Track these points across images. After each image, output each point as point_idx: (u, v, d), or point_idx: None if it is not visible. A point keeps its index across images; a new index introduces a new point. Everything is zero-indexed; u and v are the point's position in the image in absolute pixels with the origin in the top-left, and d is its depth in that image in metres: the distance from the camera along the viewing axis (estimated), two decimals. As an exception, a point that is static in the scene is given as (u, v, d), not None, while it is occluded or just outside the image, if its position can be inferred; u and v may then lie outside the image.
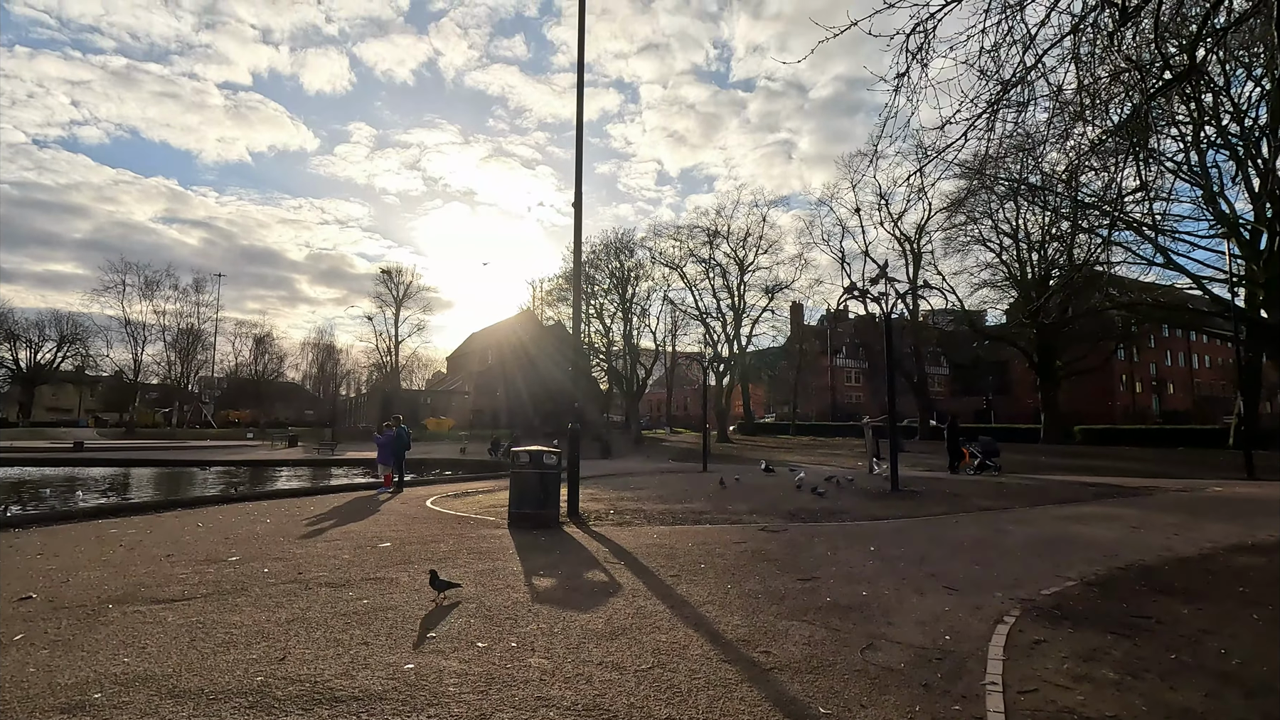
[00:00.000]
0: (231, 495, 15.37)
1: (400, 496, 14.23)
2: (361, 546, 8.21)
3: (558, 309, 53.06)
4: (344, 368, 75.88)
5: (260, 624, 4.96)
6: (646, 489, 15.59)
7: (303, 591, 5.96)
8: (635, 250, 48.03)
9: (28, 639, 4.65)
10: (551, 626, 4.83)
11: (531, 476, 10.01)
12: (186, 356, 65.93)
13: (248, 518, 10.94)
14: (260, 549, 8.08)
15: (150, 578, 6.50)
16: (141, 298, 63.50)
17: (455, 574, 6.56)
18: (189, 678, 3.87)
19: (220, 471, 26.87)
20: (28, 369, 65.29)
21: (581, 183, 11.56)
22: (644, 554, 7.64)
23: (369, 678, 3.84)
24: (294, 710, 3.41)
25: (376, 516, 11.09)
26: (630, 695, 3.59)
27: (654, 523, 10.31)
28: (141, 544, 8.44)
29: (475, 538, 8.80)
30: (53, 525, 10.34)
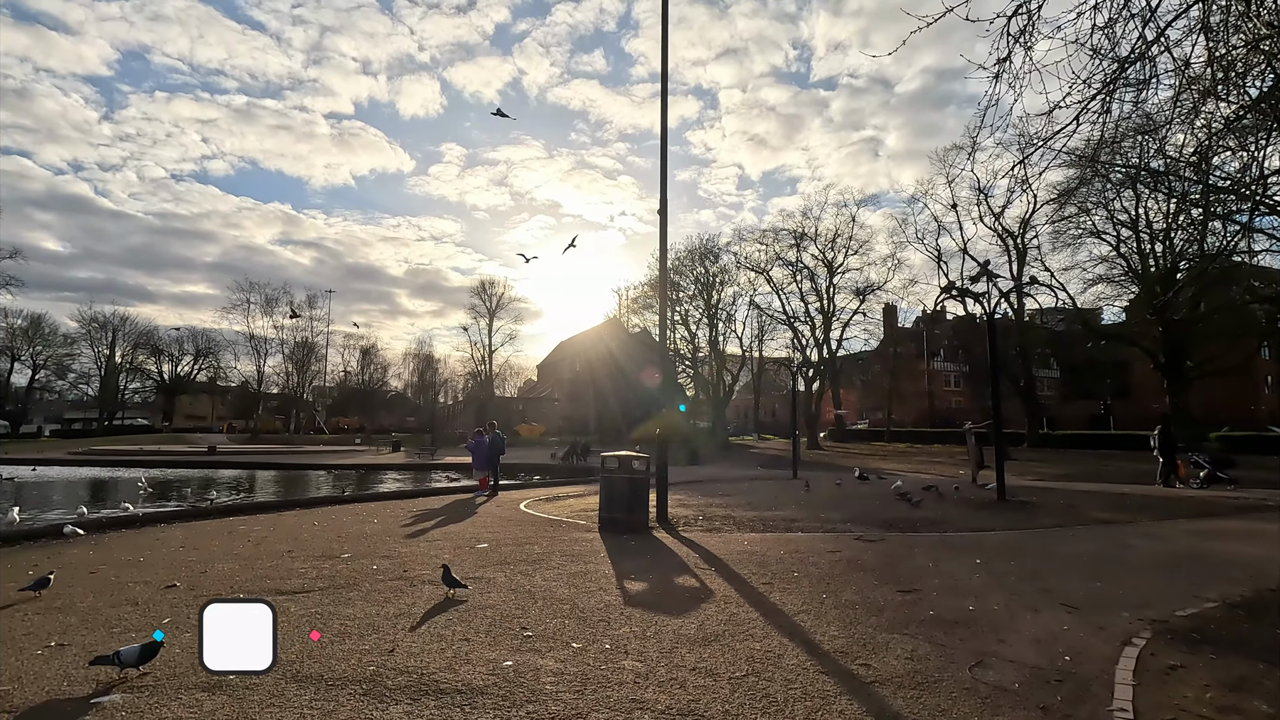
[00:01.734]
0: (342, 497, 16.42)
1: (495, 500, 14.73)
2: (460, 547, 8.55)
3: (643, 316, 53.56)
4: (441, 376, 79.51)
5: (371, 617, 5.26)
6: (735, 495, 15.41)
7: (408, 588, 6.27)
8: (720, 255, 47.85)
9: (173, 623, 5.13)
10: (644, 630, 4.86)
11: (620, 482, 10.13)
12: (302, 367, 71.08)
13: (357, 518, 11.64)
14: (369, 547, 8.57)
15: (274, 571, 7.03)
16: (263, 314, 69.18)
17: (549, 576, 6.73)
18: (310, 665, 4.16)
19: (332, 474, 28.77)
20: (170, 380, 72.40)
21: (666, 189, 11.63)
22: (735, 561, 7.55)
23: (471, 672, 3.99)
24: (403, 699, 3.59)
25: (474, 519, 11.52)
26: (725, 702, 3.55)
27: (744, 529, 10.17)
28: (266, 540, 9.15)
29: (567, 540, 8.98)
30: (191, 521, 11.40)
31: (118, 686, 3.81)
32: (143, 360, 71.54)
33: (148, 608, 5.62)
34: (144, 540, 9.12)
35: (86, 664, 4.07)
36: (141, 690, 3.76)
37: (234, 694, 3.70)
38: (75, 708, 3.55)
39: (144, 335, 70.96)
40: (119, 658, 3.88)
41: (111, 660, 3.89)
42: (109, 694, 3.70)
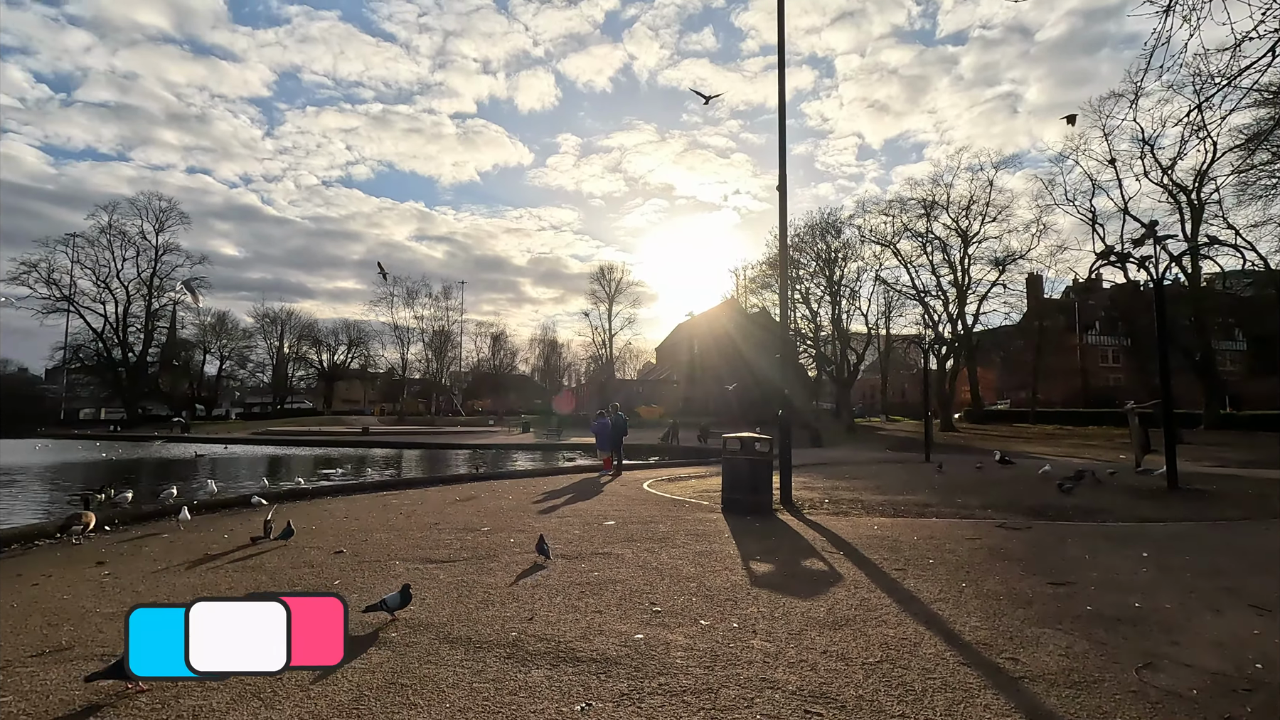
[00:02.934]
0: (480, 474, 17.54)
1: (620, 479, 15.14)
2: (589, 524, 8.89)
3: (762, 296, 52.57)
4: (565, 360, 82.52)
5: (511, 587, 5.62)
6: (862, 478, 14.88)
7: (543, 561, 6.62)
8: (842, 230, 45.89)
9: (343, 585, 5.75)
10: (772, 611, 4.84)
11: (742, 463, 10.08)
12: (439, 354, 76.36)
13: (493, 494, 12.40)
14: (506, 521, 9.12)
15: (424, 542, 7.66)
16: (404, 305, 74.86)
17: (674, 554, 6.85)
18: (459, 627, 4.51)
19: (469, 453, 30.77)
20: (328, 368, 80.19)
21: (785, 164, 11.31)
22: (864, 545, 7.31)
23: (604, 643, 4.17)
24: (543, 664, 3.82)
25: (600, 497, 11.92)
26: (858, 687, 3.48)
27: (873, 513, 9.82)
28: (415, 513, 9.98)
29: (691, 520, 9.09)
30: (351, 495, 12.63)
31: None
32: (306, 350, 79.73)
33: (321, 570, 6.32)
34: (314, 511, 10.22)
35: (361, 611, 4.64)
36: (321, 641, 4.25)
37: (396, 649, 4.10)
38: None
39: (306, 328, 79.04)
40: (385, 604, 4.54)
41: (379, 607, 4.53)
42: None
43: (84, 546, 7.76)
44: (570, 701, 3.30)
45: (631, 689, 3.46)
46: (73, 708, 3.31)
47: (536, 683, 3.55)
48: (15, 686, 3.58)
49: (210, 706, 3.28)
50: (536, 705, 3.27)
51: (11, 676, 3.73)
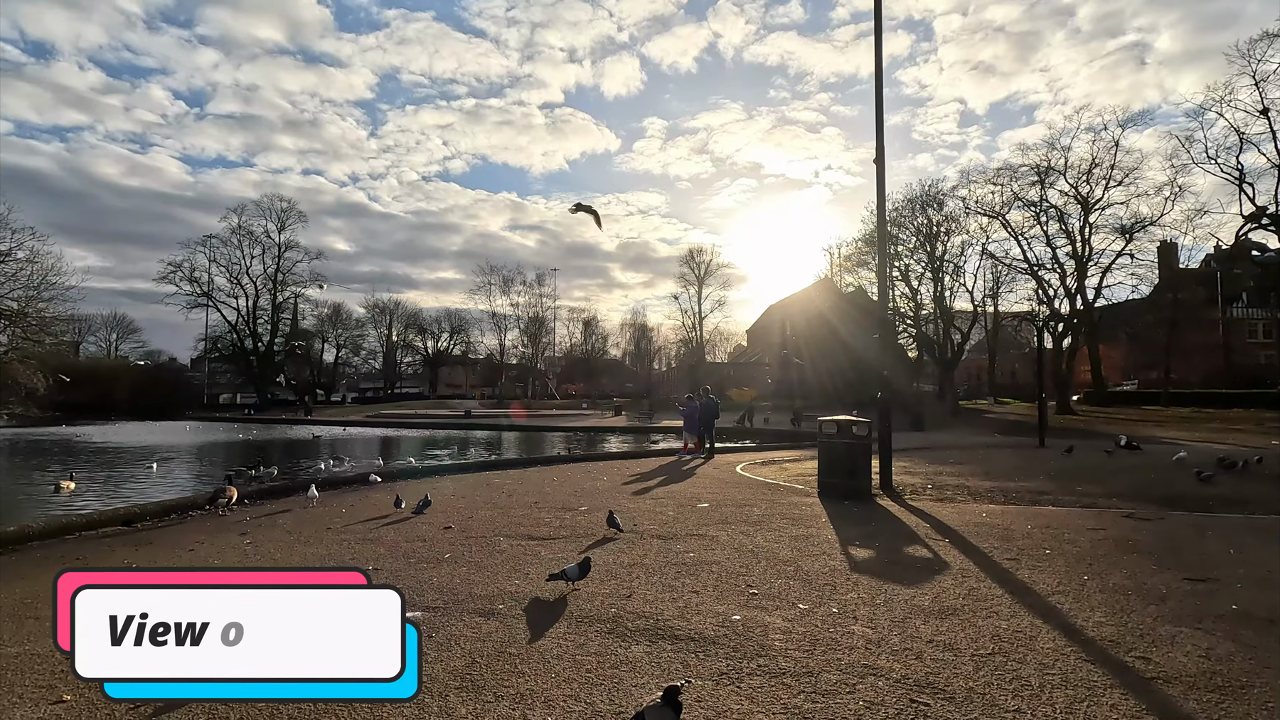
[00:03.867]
0: (575, 456, 18.04)
1: (712, 462, 15.14)
2: (683, 506, 8.96)
3: (857, 274, 50.62)
4: (655, 344, 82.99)
5: (609, 565, 5.76)
6: (969, 463, 14.15)
7: (639, 541, 6.75)
8: (944, 202, 43.26)
9: (453, 558, 6.09)
10: (873, 597, 4.72)
11: (839, 447, 9.83)
12: (534, 340, 78.75)
13: (588, 475, 12.72)
14: (601, 502, 9.34)
15: (525, 519, 7.98)
16: (501, 293, 77.64)
17: (770, 537, 6.80)
18: (560, 602, 4.69)
19: (564, 436, 31.66)
20: (432, 354, 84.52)
21: (883, 135, 10.80)
22: (972, 533, 6.97)
23: (701, 622, 4.21)
24: (642, 641, 3.91)
25: (693, 480, 11.97)
26: (968, 679, 3.34)
27: (981, 500, 9.33)
28: (516, 492, 10.40)
29: (786, 504, 8.97)
30: (457, 475, 13.32)
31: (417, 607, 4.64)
32: (412, 338, 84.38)
33: (432, 544, 6.73)
34: (424, 488, 10.85)
35: (545, 579, 4.98)
36: (435, 610, 4.53)
37: (504, 620, 4.31)
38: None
39: (412, 317, 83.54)
40: (565, 574, 4.75)
41: (561, 576, 4.77)
42: (413, 611, 4.52)
43: (228, 518, 8.61)
44: (670, 677, 3.36)
45: (730, 668, 3.48)
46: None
47: (636, 658, 3.65)
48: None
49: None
50: (637, 679, 3.36)
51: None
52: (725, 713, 2.98)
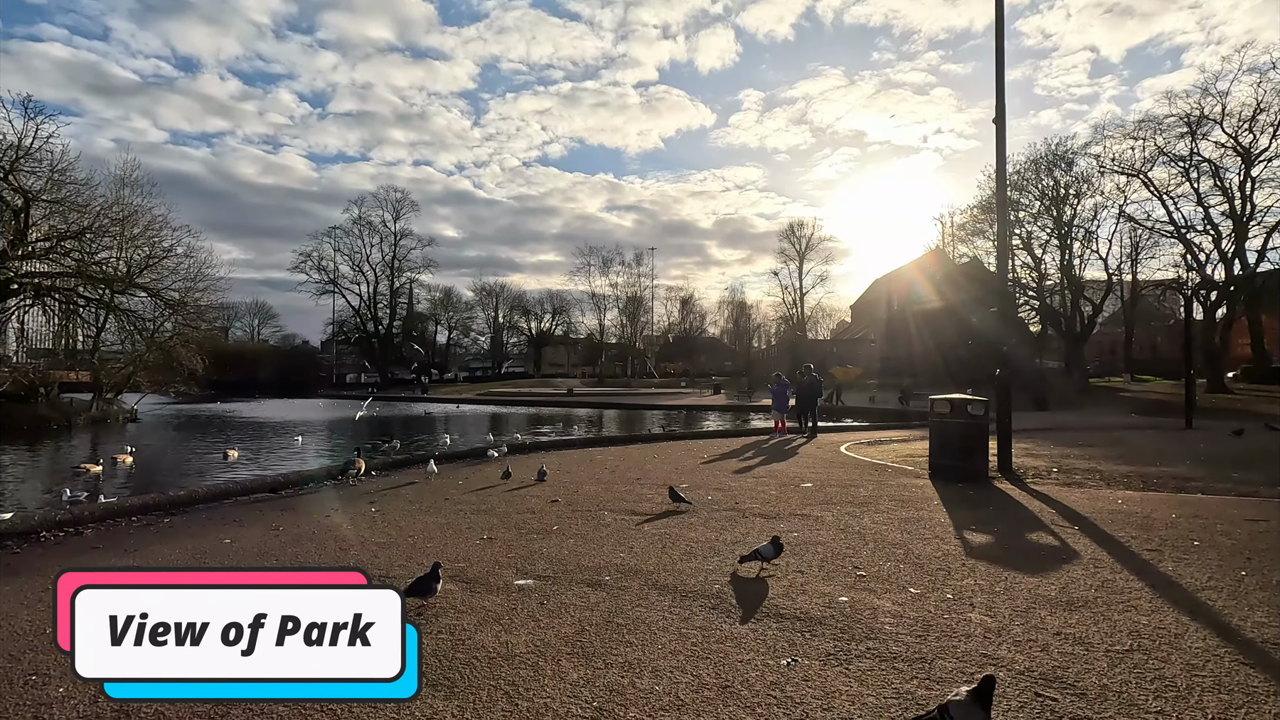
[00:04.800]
0: (675, 434, 18.18)
1: (815, 441, 14.80)
2: (785, 485, 8.84)
3: (972, 244, 47.36)
4: (754, 322, 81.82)
5: (711, 541, 5.79)
6: (1100, 446, 13.05)
7: (740, 519, 6.73)
8: (1074, 161, 39.48)
9: (560, 530, 6.33)
10: (991, 584, 4.48)
11: (953, 426, 9.33)
12: (633, 319, 79.77)
13: (689, 453, 12.79)
14: (702, 480, 9.38)
15: (628, 495, 8.15)
16: (600, 274, 78.97)
17: (878, 519, 6.58)
18: (665, 576, 4.77)
19: (663, 414, 31.95)
20: (536, 335, 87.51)
21: (1003, 91, 9.98)
22: (1104, 520, 6.45)
23: (806, 602, 4.16)
24: (747, 618, 3.91)
25: (796, 459, 11.77)
26: (1102, 676, 3.11)
27: (1116, 485, 8.60)
28: (618, 468, 10.63)
29: (895, 485, 8.65)
30: (562, 450, 13.77)
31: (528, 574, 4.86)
32: (517, 319, 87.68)
33: (541, 516, 7.01)
34: (533, 463, 11.28)
35: (738, 560, 4.91)
36: (545, 578, 4.74)
37: (610, 591, 4.44)
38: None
39: (517, 299, 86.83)
40: (760, 554, 4.67)
41: (754, 557, 4.69)
42: (525, 579, 4.75)
43: (357, 488, 9.34)
44: (775, 655, 3.36)
45: (838, 649, 3.42)
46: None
47: (741, 634, 3.66)
48: (322, 595, 4.46)
49: (461, 626, 3.83)
50: (742, 655, 3.37)
51: (319, 587, 4.65)
52: (834, 693, 2.94)
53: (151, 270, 29.13)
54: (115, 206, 28.87)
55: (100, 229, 28.13)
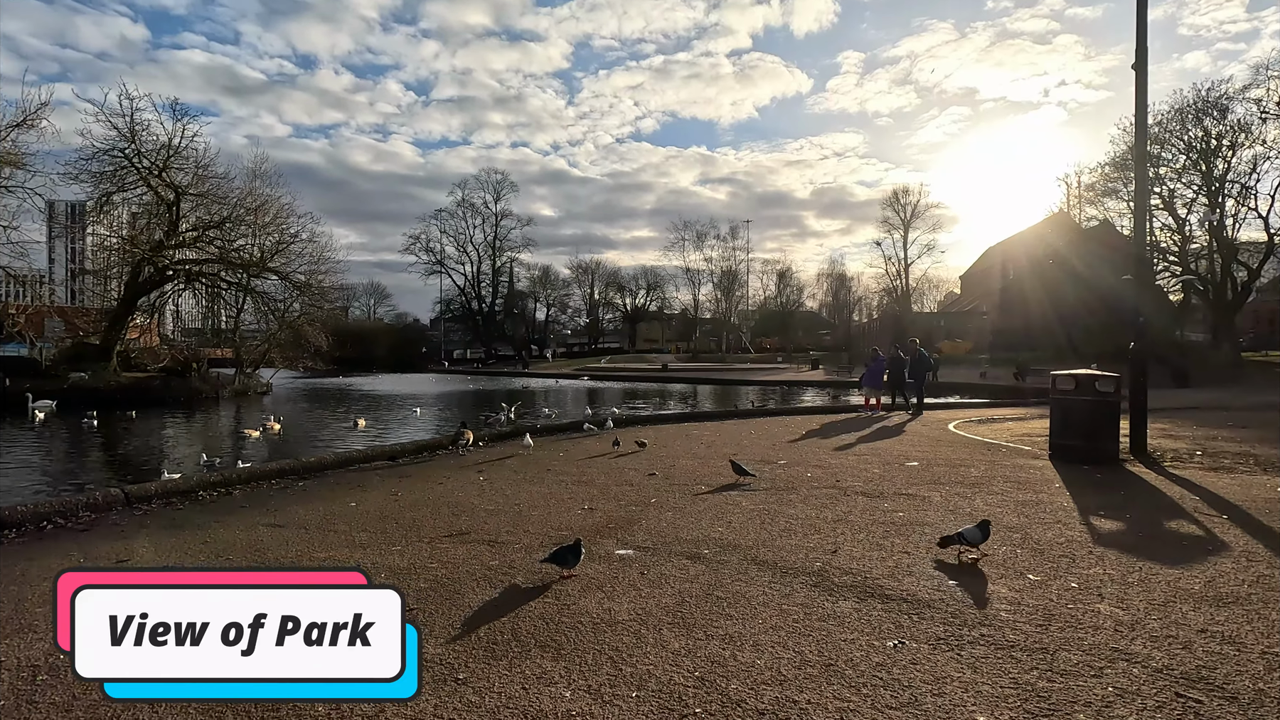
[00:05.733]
0: (771, 409, 17.92)
1: (920, 419, 14.16)
2: (889, 463, 8.53)
3: (1102, 205, 43.11)
4: (855, 294, 78.69)
5: (811, 519, 5.69)
6: (1255, 427, 11.70)
7: (842, 497, 6.57)
8: (1228, 108, 34.95)
9: (658, 503, 6.42)
10: (1123, 575, 4.15)
11: (1078, 404, 8.64)
12: (727, 293, 78.76)
13: (786, 428, 12.57)
14: (800, 456, 9.21)
15: (724, 470, 8.12)
16: (694, 249, 78.41)
17: (991, 501, 6.23)
18: (764, 551, 4.74)
19: (758, 389, 31.53)
20: (631, 311, 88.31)
21: (1145, 32, 8.95)
22: (1261, 510, 5.80)
23: (914, 584, 4.01)
24: (850, 597, 3.83)
25: (900, 437, 11.32)
26: (1257, 680, 2.82)
27: (1273, 472, 7.69)
28: (714, 444, 10.61)
29: (1010, 466, 8.15)
30: (658, 425, 13.90)
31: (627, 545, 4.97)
32: (612, 296, 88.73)
33: (639, 488, 7.13)
34: (626, 437, 11.47)
35: (937, 542, 4.63)
36: (644, 549, 4.83)
37: (710, 564, 4.47)
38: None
39: (612, 276, 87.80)
40: (963, 537, 4.34)
41: (957, 540, 4.37)
42: (625, 549, 4.86)
43: (467, 457, 9.84)
44: (881, 636, 3.27)
45: (949, 634, 3.29)
46: (488, 576, 4.27)
47: (845, 613, 3.58)
48: (441, 555, 4.76)
49: (565, 591, 3.97)
50: (846, 634, 3.31)
51: (437, 549, 4.96)
52: (945, 679, 2.83)
53: (281, 255, 31.61)
54: (249, 197, 31.44)
55: (237, 218, 30.78)
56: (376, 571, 4.41)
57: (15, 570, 4.59)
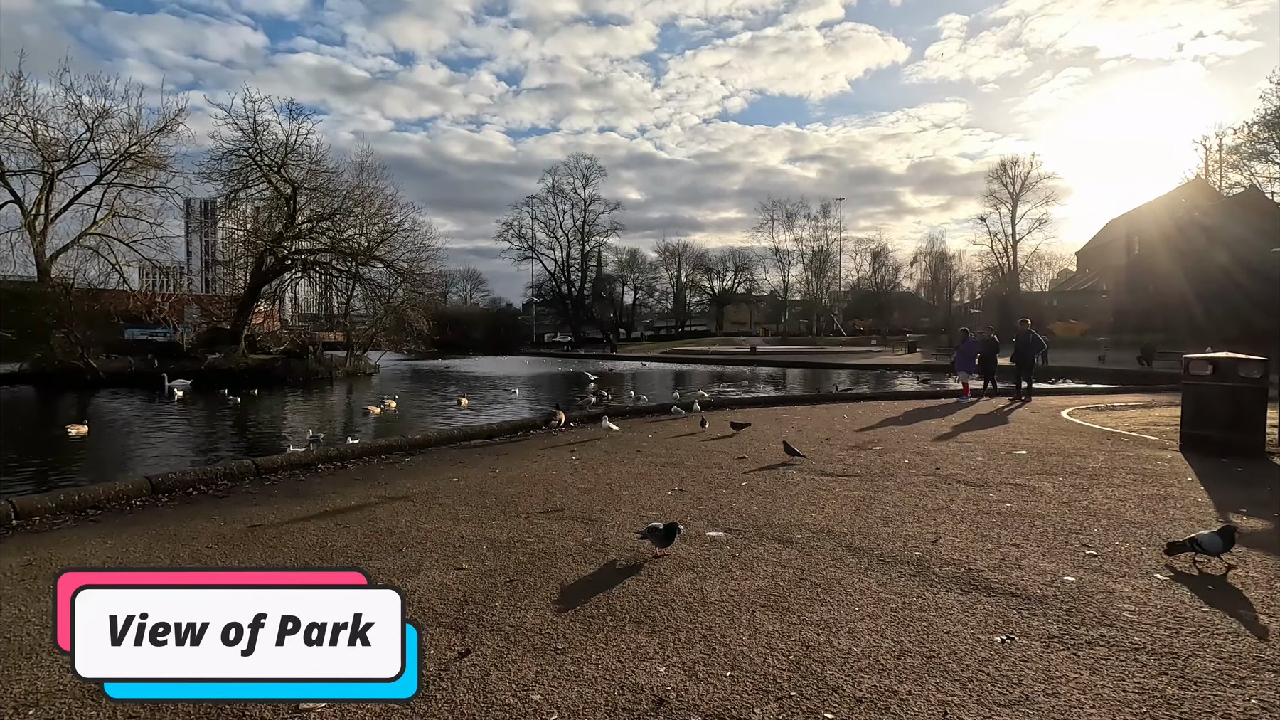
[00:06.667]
0: (864, 394, 17.35)
1: (1029, 405, 13.30)
2: (994, 451, 8.08)
3: (1248, 170, 38.81)
4: (956, 274, 74.57)
5: (909, 507, 5.49)
6: None
7: (942, 485, 6.29)
8: None
9: (749, 486, 6.37)
10: (1270, 579, 3.76)
11: (1217, 391, 7.86)
12: (819, 275, 76.60)
13: (880, 414, 12.13)
14: (898, 442, 8.88)
15: (817, 455, 7.96)
16: (784, 229, 76.60)
17: (1112, 494, 5.79)
18: (859, 539, 4.62)
19: (851, 373, 30.55)
20: (718, 293, 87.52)
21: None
22: None
23: (1023, 578, 3.80)
24: (953, 589, 3.68)
25: (1005, 424, 10.69)
26: None
27: None
28: (806, 428, 10.40)
29: (1134, 457, 7.53)
30: (746, 408, 13.76)
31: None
32: (699, 278, 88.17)
33: (729, 471, 7.11)
34: (716, 420, 11.43)
35: (1164, 549, 4.12)
36: (735, 532, 4.82)
37: (803, 549, 4.41)
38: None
39: (699, 258, 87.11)
40: (1198, 544, 3.84)
41: (1188, 547, 3.88)
42: (716, 531, 4.87)
43: (559, 437, 10.12)
44: (988, 631, 3.12)
45: (1063, 633, 3.10)
46: (582, 552, 4.41)
47: (947, 605, 3.45)
48: (537, 530, 4.94)
49: (658, 570, 4.03)
50: (949, 627, 3.18)
51: (534, 524, 5.15)
52: (1059, 679, 2.67)
53: (386, 244, 33.37)
54: (356, 190, 33.35)
55: (346, 210, 32.75)
56: (478, 544, 4.64)
57: (168, 530, 5.15)
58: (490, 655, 2.97)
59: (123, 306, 30.05)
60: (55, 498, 5.86)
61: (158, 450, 12.18)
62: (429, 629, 3.24)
